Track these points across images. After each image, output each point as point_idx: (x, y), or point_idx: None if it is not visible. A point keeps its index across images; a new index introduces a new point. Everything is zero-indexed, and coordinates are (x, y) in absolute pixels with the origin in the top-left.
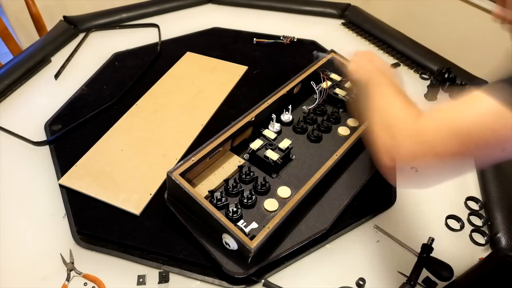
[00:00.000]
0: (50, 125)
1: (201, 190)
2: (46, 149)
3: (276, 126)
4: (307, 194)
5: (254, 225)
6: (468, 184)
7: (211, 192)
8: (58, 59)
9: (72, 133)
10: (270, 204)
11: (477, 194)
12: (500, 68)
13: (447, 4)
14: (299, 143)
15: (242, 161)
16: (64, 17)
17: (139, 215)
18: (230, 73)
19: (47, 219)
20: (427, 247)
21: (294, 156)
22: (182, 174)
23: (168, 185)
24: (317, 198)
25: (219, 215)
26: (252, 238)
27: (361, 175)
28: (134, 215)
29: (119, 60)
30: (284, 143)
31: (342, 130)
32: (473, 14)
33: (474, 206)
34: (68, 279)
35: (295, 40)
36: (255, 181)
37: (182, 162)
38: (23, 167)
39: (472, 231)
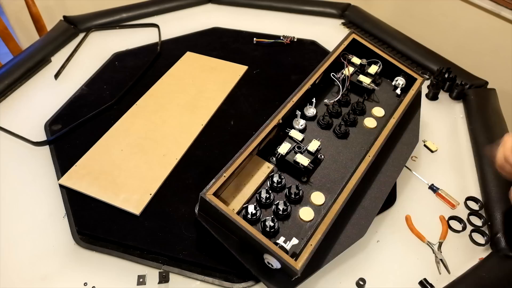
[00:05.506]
0: (50, 125)
1: (233, 205)
2: (46, 149)
3: (301, 122)
4: (345, 204)
5: (294, 241)
6: (468, 184)
7: (244, 207)
8: (58, 59)
9: (72, 133)
10: (305, 213)
11: (477, 194)
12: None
13: (447, 4)
14: (326, 140)
15: (271, 167)
16: (64, 17)
17: (139, 215)
18: (230, 73)
19: (47, 219)
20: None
21: (323, 156)
22: (215, 193)
23: (200, 204)
24: (353, 204)
25: (260, 237)
26: (293, 255)
27: (392, 173)
28: (134, 215)
29: (119, 60)
30: (313, 145)
31: (369, 122)
32: (473, 14)
33: (474, 206)
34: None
35: (295, 40)
36: (287, 189)
37: (214, 180)
38: (23, 167)
39: (472, 231)
